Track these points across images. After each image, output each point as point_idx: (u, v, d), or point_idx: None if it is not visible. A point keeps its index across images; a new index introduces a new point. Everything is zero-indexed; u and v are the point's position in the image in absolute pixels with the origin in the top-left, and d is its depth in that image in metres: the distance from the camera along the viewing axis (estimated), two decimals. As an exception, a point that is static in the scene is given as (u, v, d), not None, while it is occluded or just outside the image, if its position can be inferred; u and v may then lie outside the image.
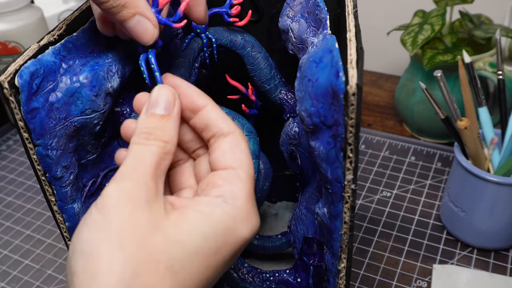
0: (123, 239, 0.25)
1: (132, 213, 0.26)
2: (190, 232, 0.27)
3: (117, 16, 0.30)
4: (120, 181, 0.27)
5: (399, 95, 0.71)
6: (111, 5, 0.29)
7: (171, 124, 0.30)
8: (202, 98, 0.31)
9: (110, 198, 0.27)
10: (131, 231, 0.26)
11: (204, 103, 0.31)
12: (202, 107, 0.31)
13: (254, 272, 0.44)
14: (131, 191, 0.27)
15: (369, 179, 0.66)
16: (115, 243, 0.25)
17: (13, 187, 0.69)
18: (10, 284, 0.55)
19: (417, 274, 0.53)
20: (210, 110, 0.31)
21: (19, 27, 0.71)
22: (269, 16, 0.46)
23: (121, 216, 0.26)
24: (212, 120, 0.31)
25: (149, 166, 0.28)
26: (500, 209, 0.51)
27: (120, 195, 0.27)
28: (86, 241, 0.26)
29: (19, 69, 0.30)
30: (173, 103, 0.30)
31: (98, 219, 0.26)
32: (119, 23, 0.30)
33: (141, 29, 0.30)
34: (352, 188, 0.29)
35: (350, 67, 0.27)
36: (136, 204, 0.26)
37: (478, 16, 0.68)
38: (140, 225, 0.26)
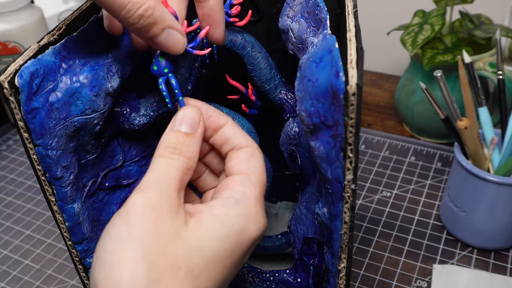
0: (146, 248, 0.26)
1: (156, 223, 0.27)
2: (207, 238, 0.28)
3: (148, 34, 0.30)
4: (145, 191, 0.28)
5: (399, 95, 0.71)
6: (141, 25, 0.30)
7: (195, 142, 0.31)
8: (222, 117, 0.34)
9: (134, 207, 0.28)
10: (154, 241, 0.27)
11: (225, 121, 0.34)
12: (224, 125, 0.34)
13: (254, 272, 0.44)
14: (155, 201, 0.28)
15: (369, 179, 0.66)
16: (139, 252, 0.26)
17: (13, 187, 0.69)
18: (10, 284, 0.55)
19: (417, 274, 0.53)
20: (231, 127, 0.34)
21: (19, 27, 0.71)
22: (269, 16, 0.46)
23: (144, 226, 0.27)
24: (232, 135, 0.33)
25: (173, 179, 0.29)
26: (500, 209, 0.51)
27: (145, 205, 0.28)
28: (109, 252, 0.27)
29: (19, 69, 0.30)
30: (197, 123, 0.32)
31: (122, 229, 0.27)
32: (149, 39, 0.31)
33: (172, 41, 0.31)
34: (352, 188, 0.29)
35: (350, 67, 0.27)
36: (159, 214, 0.27)
37: (478, 16, 0.68)
38: (162, 235, 0.27)
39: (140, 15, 0.29)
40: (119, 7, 0.28)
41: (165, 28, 0.30)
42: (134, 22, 0.29)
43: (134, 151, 0.41)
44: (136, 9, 0.29)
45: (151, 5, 0.29)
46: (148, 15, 0.29)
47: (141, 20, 0.29)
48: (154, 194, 0.28)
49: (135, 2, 0.29)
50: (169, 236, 0.27)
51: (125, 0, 0.28)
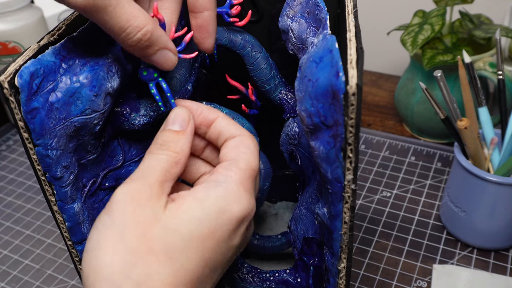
0: (124, 233, 0.28)
1: (135, 210, 0.28)
2: (184, 219, 0.29)
3: (142, 53, 0.32)
4: (127, 183, 0.30)
5: (399, 95, 0.71)
6: (137, 47, 0.31)
7: (184, 138, 0.33)
8: (213, 112, 0.35)
9: (116, 198, 0.29)
10: (132, 226, 0.28)
11: (215, 116, 0.35)
12: (215, 119, 0.35)
13: (254, 272, 0.44)
14: (135, 191, 0.29)
15: (369, 179, 0.66)
16: (117, 238, 0.28)
17: (13, 187, 0.69)
18: (10, 284, 0.55)
19: (417, 274, 0.53)
20: (221, 120, 0.35)
21: (19, 27, 0.71)
22: (269, 16, 0.46)
23: (123, 213, 0.28)
24: (224, 128, 0.34)
25: (156, 171, 0.30)
26: (500, 209, 0.51)
27: (126, 195, 0.29)
28: (93, 240, 0.29)
29: (19, 69, 0.30)
30: (187, 122, 0.33)
31: (105, 219, 0.29)
32: (142, 57, 0.33)
33: (164, 60, 0.33)
34: (352, 188, 0.29)
35: (350, 67, 0.27)
36: (138, 202, 0.29)
37: (478, 16, 0.68)
38: (141, 220, 0.28)
39: (138, 38, 0.31)
40: (119, 30, 0.30)
41: (159, 49, 0.32)
42: (132, 44, 0.31)
43: (134, 151, 0.41)
44: (136, 33, 0.30)
45: (149, 29, 0.31)
46: (146, 39, 0.31)
47: (139, 43, 0.31)
48: (135, 185, 0.30)
49: (135, 26, 0.30)
50: (148, 222, 0.28)
51: (125, 24, 0.30)
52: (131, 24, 0.30)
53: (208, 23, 0.35)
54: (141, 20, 0.30)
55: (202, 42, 0.36)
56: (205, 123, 0.35)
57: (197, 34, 0.36)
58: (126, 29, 0.30)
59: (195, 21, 0.35)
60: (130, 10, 0.30)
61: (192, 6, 0.35)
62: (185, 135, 0.33)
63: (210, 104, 0.42)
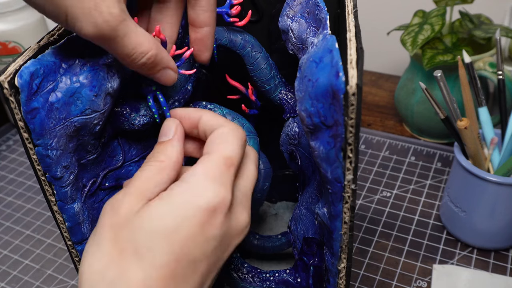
0: (100, 239, 0.30)
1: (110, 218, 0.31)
2: (148, 217, 0.30)
3: (146, 72, 0.34)
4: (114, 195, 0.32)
5: (399, 95, 0.71)
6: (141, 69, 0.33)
7: (170, 145, 0.34)
8: (196, 112, 0.36)
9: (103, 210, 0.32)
10: (106, 232, 0.30)
11: (199, 115, 0.36)
12: (199, 118, 0.35)
13: (254, 272, 0.44)
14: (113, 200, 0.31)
15: (369, 179, 0.66)
16: (95, 244, 0.30)
17: (13, 187, 0.69)
18: (10, 284, 0.55)
19: (417, 274, 0.53)
20: (204, 118, 0.35)
21: (19, 27, 0.71)
22: (269, 16, 0.46)
23: (102, 222, 0.31)
24: (206, 124, 0.35)
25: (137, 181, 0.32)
26: (500, 209, 0.51)
27: (107, 205, 0.32)
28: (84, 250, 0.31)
29: (19, 69, 0.30)
30: (173, 129, 0.35)
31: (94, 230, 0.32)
32: (145, 74, 0.34)
33: (165, 78, 0.35)
34: (352, 188, 0.29)
35: (350, 67, 0.27)
36: (115, 210, 0.31)
37: (478, 16, 0.68)
38: (113, 225, 0.30)
39: (143, 63, 0.32)
40: (125, 56, 0.32)
41: (162, 68, 0.34)
42: (136, 66, 0.33)
43: (134, 151, 0.41)
44: (141, 58, 0.32)
45: (153, 53, 0.33)
46: (150, 62, 0.33)
47: (143, 66, 0.33)
48: (117, 196, 0.32)
49: (140, 52, 0.32)
50: (119, 226, 0.30)
51: (131, 51, 0.31)
52: (136, 51, 0.32)
53: (207, 38, 0.37)
54: (145, 46, 0.32)
55: (199, 54, 0.38)
56: (193, 125, 0.36)
57: (195, 47, 0.37)
58: (132, 55, 0.32)
59: (195, 35, 0.37)
60: (136, 38, 0.31)
61: (193, 20, 0.36)
62: (170, 143, 0.34)
63: (210, 104, 0.42)
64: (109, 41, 0.30)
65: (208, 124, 0.35)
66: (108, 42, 0.30)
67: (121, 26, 0.30)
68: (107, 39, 0.30)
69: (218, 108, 0.42)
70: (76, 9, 0.28)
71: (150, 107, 0.37)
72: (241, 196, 0.33)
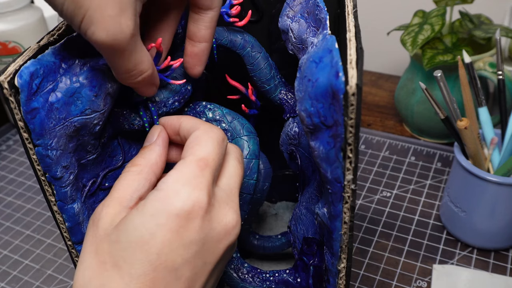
0: (84, 253, 0.31)
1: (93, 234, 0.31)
2: (124, 229, 0.30)
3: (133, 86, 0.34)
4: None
5: (399, 95, 0.71)
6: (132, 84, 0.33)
7: (148, 149, 0.34)
8: (177, 119, 0.36)
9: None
10: (89, 245, 0.31)
11: (179, 121, 0.36)
12: (178, 124, 0.36)
13: (254, 272, 0.44)
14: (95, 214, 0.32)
15: (369, 179, 0.66)
16: (80, 258, 0.31)
17: (13, 187, 0.69)
18: (10, 284, 0.55)
19: (417, 274, 0.53)
20: (183, 123, 0.36)
21: (19, 27, 0.71)
22: (269, 16, 0.46)
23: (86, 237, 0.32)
24: (184, 128, 0.35)
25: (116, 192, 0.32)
26: (500, 209, 0.51)
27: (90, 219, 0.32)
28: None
29: (19, 69, 0.30)
30: (154, 135, 0.35)
31: None
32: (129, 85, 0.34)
33: (147, 92, 0.35)
34: (352, 188, 0.29)
35: (350, 67, 0.27)
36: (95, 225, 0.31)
37: (478, 16, 0.68)
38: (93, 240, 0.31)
39: (138, 81, 0.33)
40: (126, 70, 0.32)
41: (147, 84, 0.34)
42: (130, 82, 0.33)
43: (134, 151, 0.41)
44: (137, 76, 0.32)
45: (150, 73, 0.33)
46: (144, 81, 0.33)
47: (136, 84, 0.33)
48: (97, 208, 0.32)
49: (140, 70, 0.32)
50: (99, 239, 0.30)
51: (132, 67, 0.32)
52: (137, 68, 0.32)
53: (204, 53, 0.37)
54: (145, 65, 0.32)
55: (192, 68, 0.38)
56: (175, 131, 0.36)
57: (189, 60, 0.37)
58: (132, 72, 0.32)
59: (192, 48, 0.37)
60: (141, 55, 0.32)
61: (192, 34, 0.36)
62: (149, 147, 0.34)
63: (210, 104, 0.42)
64: (116, 53, 0.30)
65: (185, 129, 0.35)
66: (114, 53, 0.30)
67: (132, 40, 0.30)
68: (116, 49, 0.30)
69: (218, 108, 0.42)
70: (97, 13, 0.28)
71: (141, 116, 0.37)
72: (225, 196, 0.32)
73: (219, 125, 0.41)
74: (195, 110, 0.42)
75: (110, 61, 0.31)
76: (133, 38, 0.30)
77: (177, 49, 0.41)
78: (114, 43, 0.29)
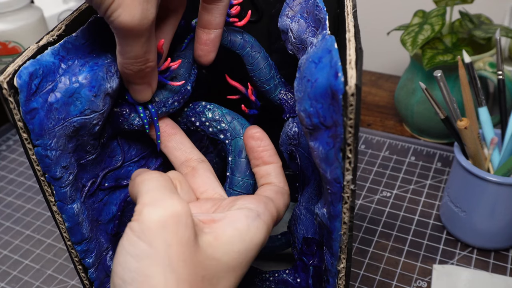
0: (171, 261, 0.26)
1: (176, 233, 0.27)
2: (224, 250, 0.29)
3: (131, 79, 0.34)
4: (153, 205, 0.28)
5: (399, 95, 0.71)
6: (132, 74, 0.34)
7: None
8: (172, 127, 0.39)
9: (152, 223, 0.27)
10: (177, 253, 0.27)
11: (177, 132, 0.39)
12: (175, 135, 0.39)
13: (254, 272, 0.44)
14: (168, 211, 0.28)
15: (369, 179, 0.66)
16: (166, 267, 0.26)
17: (13, 187, 0.69)
18: (10, 284, 0.55)
19: (417, 274, 0.53)
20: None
21: (19, 27, 0.71)
22: (269, 16, 0.46)
23: (165, 238, 0.27)
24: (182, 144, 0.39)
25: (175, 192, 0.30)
26: (500, 209, 0.51)
27: (160, 217, 0.27)
28: (134, 270, 0.26)
29: (18, 69, 0.30)
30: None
31: (142, 246, 0.27)
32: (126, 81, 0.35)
33: (142, 95, 0.36)
34: (351, 189, 0.29)
35: (349, 67, 0.27)
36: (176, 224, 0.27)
37: (478, 16, 0.68)
38: (184, 245, 0.27)
39: (141, 69, 0.33)
40: (133, 57, 0.32)
41: (145, 83, 0.35)
42: (132, 69, 0.33)
43: (133, 151, 0.41)
44: (141, 65, 0.33)
45: (152, 65, 0.34)
46: (144, 71, 0.34)
47: (137, 72, 0.34)
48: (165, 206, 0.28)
49: (146, 58, 0.33)
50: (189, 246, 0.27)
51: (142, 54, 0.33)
52: (145, 56, 0.33)
53: (218, 39, 0.39)
54: (153, 55, 0.33)
55: (207, 55, 0.39)
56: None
57: (204, 47, 0.38)
58: (140, 59, 0.33)
59: (207, 36, 0.38)
60: (151, 44, 0.33)
61: (207, 23, 0.37)
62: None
63: (210, 104, 0.42)
64: (134, 37, 0.31)
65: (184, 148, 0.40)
66: (132, 37, 0.31)
67: (151, 28, 0.31)
68: (135, 34, 0.31)
69: (217, 108, 0.42)
70: None
71: (142, 118, 0.37)
72: None
73: (219, 125, 0.41)
74: (195, 110, 0.42)
75: (124, 45, 0.32)
76: (152, 27, 0.31)
77: (175, 50, 0.41)
78: (136, 27, 0.30)
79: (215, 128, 0.41)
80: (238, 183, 0.40)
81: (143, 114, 0.37)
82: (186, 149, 0.39)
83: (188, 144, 0.40)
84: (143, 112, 0.37)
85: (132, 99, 0.37)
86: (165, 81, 0.38)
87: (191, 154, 0.39)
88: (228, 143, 0.41)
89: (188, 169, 0.39)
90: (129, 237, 0.27)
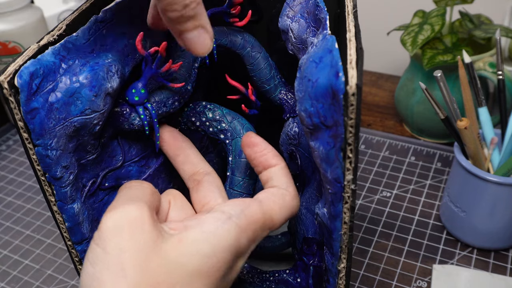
0: (124, 266, 0.26)
1: (131, 237, 0.27)
2: (189, 253, 0.27)
3: (181, 26, 0.30)
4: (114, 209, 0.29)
5: (399, 95, 0.71)
6: (180, 15, 0.29)
7: None
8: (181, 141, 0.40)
9: (106, 225, 0.27)
10: (131, 256, 0.26)
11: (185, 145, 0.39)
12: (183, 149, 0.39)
13: (254, 272, 0.44)
14: (126, 215, 0.28)
15: (369, 179, 0.66)
16: (117, 272, 0.26)
17: (13, 187, 0.69)
18: (10, 284, 0.55)
19: (417, 274, 0.53)
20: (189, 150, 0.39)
21: (19, 27, 0.71)
22: (269, 16, 0.46)
23: (119, 241, 0.27)
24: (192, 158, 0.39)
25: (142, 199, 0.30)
26: (500, 209, 0.51)
27: (117, 220, 0.28)
28: (90, 276, 0.26)
29: (19, 69, 0.30)
30: None
31: (97, 251, 0.27)
32: (179, 33, 0.30)
33: (200, 42, 0.31)
34: (351, 188, 0.29)
35: (350, 67, 0.27)
36: (133, 227, 0.27)
37: (478, 16, 0.68)
38: (140, 249, 0.26)
39: (185, 4, 0.29)
40: None
41: (199, 26, 0.30)
42: (176, 9, 0.29)
43: (134, 151, 0.41)
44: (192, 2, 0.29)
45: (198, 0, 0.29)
46: (192, 8, 0.29)
47: (183, 10, 0.29)
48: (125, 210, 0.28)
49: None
50: (148, 250, 0.27)
51: None
52: None
53: None
54: None
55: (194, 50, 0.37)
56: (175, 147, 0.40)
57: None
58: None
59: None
60: None
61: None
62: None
63: (210, 104, 0.42)
64: None
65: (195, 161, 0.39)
66: None
67: None
68: None
69: (218, 108, 0.42)
70: None
71: (142, 119, 0.37)
72: None
73: (219, 125, 0.41)
74: (195, 110, 0.42)
75: None
76: None
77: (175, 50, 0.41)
78: None
79: (215, 128, 0.41)
80: (239, 183, 0.40)
81: (143, 116, 0.37)
82: (193, 161, 0.39)
83: (195, 156, 0.39)
84: (143, 113, 0.37)
85: (132, 99, 0.37)
86: (166, 83, 0.38)
87: (198, 167, 0.38)
88: (229, 143, 0.41)
89: (194, 183, 0.38)
90: (90, 244, 0.28)
